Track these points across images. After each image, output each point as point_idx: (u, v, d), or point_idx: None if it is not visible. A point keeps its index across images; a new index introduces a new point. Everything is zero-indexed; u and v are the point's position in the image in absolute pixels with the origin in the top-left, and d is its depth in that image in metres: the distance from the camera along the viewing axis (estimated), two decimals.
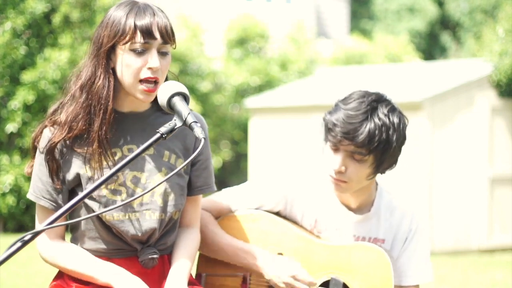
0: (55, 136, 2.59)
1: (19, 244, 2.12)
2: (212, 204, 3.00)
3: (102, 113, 2.57)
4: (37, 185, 2.65)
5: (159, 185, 2.33)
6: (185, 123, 2.40)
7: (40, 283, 7.28)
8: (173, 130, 2.39)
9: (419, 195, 10.25)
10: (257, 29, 16.36)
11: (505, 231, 10.84)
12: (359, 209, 2.98)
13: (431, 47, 25.27)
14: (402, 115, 2.88)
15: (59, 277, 2.71)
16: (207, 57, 15.49)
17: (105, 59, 2.57)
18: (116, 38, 2.54)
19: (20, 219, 11.37)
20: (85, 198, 2.33)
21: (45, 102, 11.04)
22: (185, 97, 2.47)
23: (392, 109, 2.84)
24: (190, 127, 2.39)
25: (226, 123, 15.26)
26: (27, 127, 11.08)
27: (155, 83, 2.56)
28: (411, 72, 12.80)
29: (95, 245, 2.66)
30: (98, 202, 2.60)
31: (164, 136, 2.37)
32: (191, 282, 2.75)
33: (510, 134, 10.89)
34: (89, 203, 2.61)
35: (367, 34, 22.54)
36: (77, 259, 2.63)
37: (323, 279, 2.90)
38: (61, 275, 2.70)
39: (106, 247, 2.65)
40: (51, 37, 11.52)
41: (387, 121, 2.80)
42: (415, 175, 10.27)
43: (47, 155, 2.60)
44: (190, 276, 2.76)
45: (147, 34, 2.53)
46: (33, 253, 3.76)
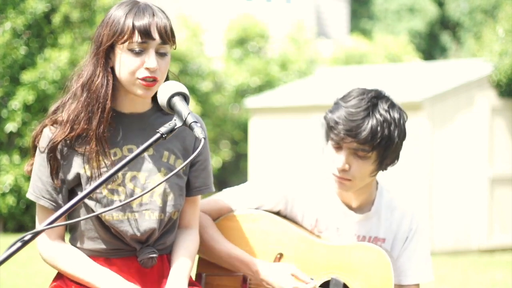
0: (57, 135, 2.59)
1: (19, 244, 2.12)
2: (212, 204, 3.00)
3: (100, 111, 2.58)
4: (36, 184, 2.65)
5: (159, 185, 2.33)
6: (185, 123, 2.40)
7: (40, 283, 7.28)
8: (173, 130, 2.39)
9: (419, 195, 10.25)
10: (257, 29, 16.36)
11: (505, 231, 10.84)
12: (359, 208, 2.98)
13: (431, 47, 25.26)
14: (402, 110, 2.89)
15: (59, 277, 2.71)
16: (207, 57, 15.49)
17: (104, 58, 2.58)
18: (115, 37, 2.55)
19: (20, 219, 11.36)
20: (85, 198, 2.33)
21: (45, 102, 11.04)
22: (185, 97, 2.47)
23: (392, 105, 2.85)
24: (190, 127, 2.39)
25: (226, 123, 15.25)
26: (27, 127, 11.08)
27: (153, 80, 2.57)
28: (411, 72, 12.79)
29: (94, 245, 2.65)
30: (97, 201, 2.60)
31: (164, 136, 2.37)
32: (191, 283, 2.75)
33: (510, 134, 10.88)
34: (88, 203, 2.61)
35: (367, 34, 22.54)
36: (76, 263, 2.63)
37: (324, 279, 2.89)
38: (60, 276, 2.70)
39: (105, 247, 2.65)
40: (51, 37, 11.52)
41: (388, 116, 2.81)
42: (415, 175, 10.27)
43: (49, 153, 2.60)
44: (190, 277, 2.76)
45: (145, 34, 2.53)
46: (33, 253, 3.76)
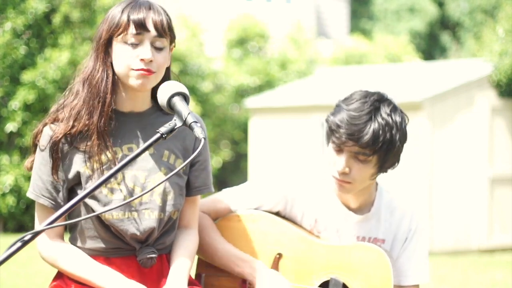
0: (58, 131, 2.60)
1: (19, 244, 2.12)
2: (211, 204, 3.00)
3: (101, 105, 2.59)
4: (36, 183, 2.65)
5: (159, 185, 2.33)
6: (185, 123, 2.41)
7: (40, 283, 7.28)
8: (173, 130, 2.40)
9: (419, 195, 10.25)
10: (257, 29, 16.36)
11: (505, 231, 10.84)
12: (359, 209, 2.98)
13: (431, 47, 25.26)
14: (403, 113, 2.88)
15: (58, 277, 2.71)
16: (207, 57, 15.48)
17: (103, 53, 2.60)
18: (111, 31, 2.58)
19: (20, 219, 11.36)
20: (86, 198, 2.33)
21: (45, 101, 11.04)
22: (185, 97, 2.48)
23: (394, 108, 2.84)
24: (190, 127, 2.39)
25: (226, 123, 15.25)
26: (27, 126, 11.08)
27: (148, 72, 2.57)
28: (411, 72, 12.79)
29: (94, 244, 2.66)
30: (97, 200, 2.61)
31: (164, 136, 2.37)
32: (190, 282, 2.75)
33: (510, 134, 10.89)
34: (88, 202, 2.61)
35: (367, 34, 22.54)
36: (76, 262, 2.63)
37: (323, 279, 2.89)
38: (60, 275, 2.71)
39: (105, 246, 2.65)
40: (51, 37, 11.52)
41: (390, 120, 2.80)
42: (415, 175, 10.27)
43: (51, 150, 2.60)
44: (190, 276, 2.76)
45: (139, 25, 2.56)
46: (33, 253, 3.76)
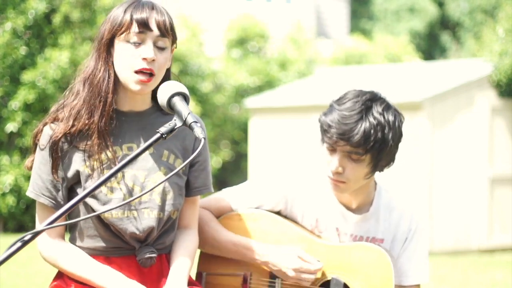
0: (58, 131, 2.60)
1: (19, 244, 2.12)
2: (212, 203, 3.00)
3: (102, 105, 2.59)
4: (36, 182, 2.65)
5: (159, 184, 2.33)
6: (185, 123, 2.41)
7: (40, 283, 7.28)
8: (173, 130, 2.40)
9: (419, 195, 10.25)
10: (257, 29, 16.36)
11: (505, 231, 10.83)
12: (358, 209, 2.98)
13: (431, 47, 25.26)
14: (398, 112, 2.86)
15: (59, 277, 2.71)
16: (207, 57, 15.48)
17: (105, 52, 2.60)
18: (114, 30, 2.58)
19: (20, 219, 11.36)
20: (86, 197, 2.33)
21: (46, 101, 11.04)
22: (185, 97, 2.48)
23: (387, 107, 2.83)
24: (190, 127, 2.39)
25: (226, 123, 15.25)
26: (27, 126, 11.08)
27: (150, 75, 2.57)
28: (411, 72, 12.79)
29: (94, 243, 2.66)
30: (97, 199, 2.61)
31: (164, 136, 2.37)
32: (190, 282, 2.75)
33: (510, 134, 10.88)
34: (87, 200, 2.61)
35: (367, 34, 22.53)
36: (77, 261, 2.63)
37: (324, 279, 2.89)
38: (61, 275, 2.71)
39: (104, 245, 2.65)
40: (51, 37, 11.52)
41: (382, 119, 2.79)
42: (415, 175, 10.27)
43: (51, 149, 2.61)
44: (190, 276, 2.76)
45: (142, 24, 2.56)
46: (33, 253, 3.76)
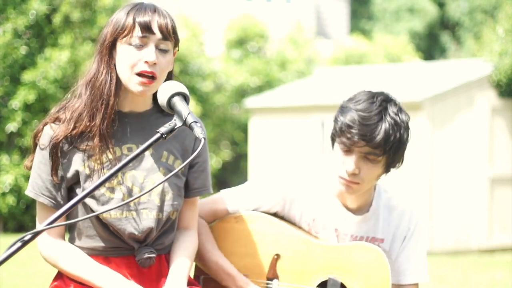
0: (59, 132, 2.61)
1: (19, 244, 2.12)
2: (209, 205, 2.99)
3: (104, 107, 2.60)
4: (36, 182, 2.65)
5: (159, 185, 2.33)
6: (185, 123, 2.41)
7: (40, 283, 7.28)
8: (173, 130, 2.40)
9: (419, 195, 10.25)
10: (256, 29, 16.35)
11: (505, 231, 10.84)
12: (358, 209, 2.97)
13: (431, 47, 25.26)
14: (406, 112, 2.89)
15: (59, 277, 2.72)
16: (207, 57, 15.48)
17: (107, 55, 2.61)
18: (116, 33, 2.59)
19: (20, 219, 11.36)
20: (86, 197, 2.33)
21: (46, 101, 11.04)
22: (185, 97, 2.48)
23: (400, 108, 2.85)
24: (190, 127, 2.39)
25: (226, 123, 15.25)
26: (27, 126, 11.08)
27: (152, 78, 2.57)
28: (411, 72, 12.80)
29: (93, 243, 2.66)
30: (96, 199, 2.61)
31: (164, 136, 2.37)
32: (190, 282, 2.75)
33: (510, 134, 10.89)
34: (86, 201, 2.62)
35: (366, 34, 22.53)
36: (77, 262, 2.64)
37: (321, 280, 2.90)
38: (61, 276, 2.71)
39: (103, 245, 2.66)
40: (51, 37, 11.52)
41: (398, 120, 2.80)
42: (415, 175, 10.28)
43: (51, 150, 2.61)
44: (189, 276, 2.76)
45: (145, 28, 2.56)
46: (33, 253, 3.77)
